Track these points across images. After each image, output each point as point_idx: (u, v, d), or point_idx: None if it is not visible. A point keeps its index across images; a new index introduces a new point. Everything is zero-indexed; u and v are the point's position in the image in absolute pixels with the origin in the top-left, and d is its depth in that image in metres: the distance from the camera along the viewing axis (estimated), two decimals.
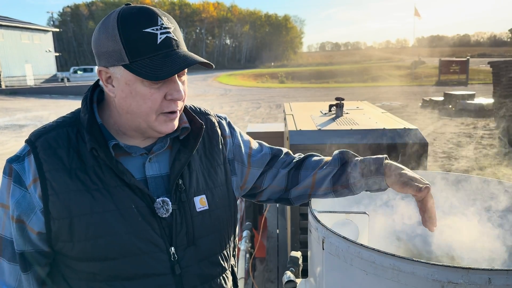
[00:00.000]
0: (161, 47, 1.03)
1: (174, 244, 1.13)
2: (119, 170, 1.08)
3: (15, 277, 1.11)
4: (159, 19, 1.04)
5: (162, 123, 1.10)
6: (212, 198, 1.21)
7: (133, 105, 1.07)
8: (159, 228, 1.11)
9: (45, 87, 31.33)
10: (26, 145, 1.09)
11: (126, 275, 1.09)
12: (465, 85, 26.37)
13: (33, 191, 1.05)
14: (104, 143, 1.09)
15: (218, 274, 1.23)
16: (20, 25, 39.81)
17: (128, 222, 1.07)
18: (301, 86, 32.99)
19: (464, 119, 13.55)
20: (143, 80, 1.03)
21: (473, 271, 0.84)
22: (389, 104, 17.94)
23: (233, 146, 1.34)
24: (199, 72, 45.66)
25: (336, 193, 1.30)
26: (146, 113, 1.07)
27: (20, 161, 1.07)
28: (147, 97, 1.05)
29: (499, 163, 8.30)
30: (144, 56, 1.02)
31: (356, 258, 0.98)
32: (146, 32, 1.02)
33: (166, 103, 1.08)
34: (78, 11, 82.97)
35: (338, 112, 3.32)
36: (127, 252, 1.07)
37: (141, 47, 1.02)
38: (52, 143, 1.08)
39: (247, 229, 3.47)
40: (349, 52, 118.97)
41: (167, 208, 1.11)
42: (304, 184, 1.33)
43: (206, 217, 1.18)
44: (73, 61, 72.14)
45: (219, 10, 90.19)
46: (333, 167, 1.30)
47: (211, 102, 21.71)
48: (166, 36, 1.04)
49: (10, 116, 17.45)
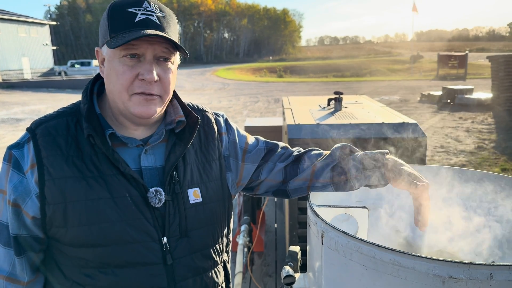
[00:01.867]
0: (137, 25, 1.05)
1: (167, 235, 1.14)
2: (115, 158, 1.10)
3: (9, 262, 1.12)
4: (145, 3, 1.08)
5: (136, 105, 1.10)
6: (206, 191, 1.23)
7: (111, 82, 1.11)
8: (152, 217, 1.13)
9: (42, 80, 31.18)
10: (27, 132, 1.12)
11: (117, 263, 1.11)
12: (464, 79, 26.36)
13: (30, 176, 1.07)
14: (101, 132, 1.12)
15: (210, 267, 1.24)
16: (17, 18, 39.56)
17: (121, 210, 1.10)
18: (299, 80, 32.95)
19: (462, 114, 13.55)
20: (120, 57, 1.07)
21: (475, 266, 0.83)
22: (387, 99, 17.94)
23: (229, 142, 1.35)
24: (197, 66, 45.53)
25: (335, 186, 1.29)
26: (119, 91, 1.09)
27: (20, 147, 1.10)
28: (120, 74, 1.08)
29: (497, 157, 8.31)
30: (120, 32, 1.06)
31: (355, 253, 0.97)
32: (128, 11, 1.07)
33: (138, 83, 1.09)
34: (76, 5, 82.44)
35: (337, 106, 3.31)
36: (119, 240, 1.09)
37: (121, 24, 1.06)
38: (52, 131, 1.11)
39: (245, 223, 3.47)
40: (348, 46, 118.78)
41: (160, 197, 1.13)
42: (303, 176, 1.32)
43: (199, 210, 1.20)
44: (71, 55, 71.90)
45: (217, 4, 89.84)
46: (333, 159, 1.29)
47: (209, 96, 21.67)
48: (146, 17, 1.07)
49: (7, 110, 17.38)
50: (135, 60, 1.08)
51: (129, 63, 1.08)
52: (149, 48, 1.08)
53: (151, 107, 1.12)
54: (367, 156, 1.23)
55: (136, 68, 1.08)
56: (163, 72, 1.11)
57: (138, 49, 1.07)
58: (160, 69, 1.11)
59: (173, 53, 1.13)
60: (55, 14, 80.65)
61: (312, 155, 1.36)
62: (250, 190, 1.42)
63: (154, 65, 1.09)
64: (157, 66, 1.10)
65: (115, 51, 1.08)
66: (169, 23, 1.11)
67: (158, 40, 1.08)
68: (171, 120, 1.23)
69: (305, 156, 1.36)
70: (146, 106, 1.11)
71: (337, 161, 1.28)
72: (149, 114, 1.12)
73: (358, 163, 1.24)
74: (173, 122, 1.21)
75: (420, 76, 31.65)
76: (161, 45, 1.09)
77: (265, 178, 1.36)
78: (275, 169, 1.35)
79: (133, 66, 1.08)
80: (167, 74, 1.12)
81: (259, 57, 79.01)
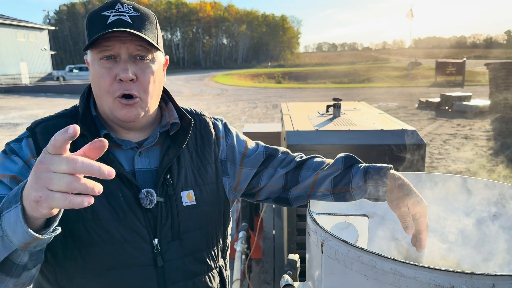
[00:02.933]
0: (110, 26, 1.06)
1: (158, 236, 1.14)
2: (109, 158, 1.11)
3: None
4: (118, 5, 1.10)
5: (119, 108, 1.11)
6: (200, 194, 1.22)
7: (95, 86, 1.13)
8: (144, 218, 1.13)
9: (40, 85, 31.18)
10: (26, 130, 1.15)
11: (108, 263, 1.10)
12: (462, 86, 26.45)
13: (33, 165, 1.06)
14: (95, 132, 1.14)
15: (203, 272, 1.23)
16: (16, 23, 39.58)
17: (114, 209, 1.10)
18: (297, 87, 33.01)
19: (460, 121, 13.58)
20: (98, 61, 1.10)
21: (477, 276, 0.82)
22: (385, 105, 17.97)
23: (227, 146, 1.35)
24: (195, 72, 45.57)
25: (335, 196, 1.28)
26: (102, 95, 1.11)
27: (18, 142, 1.12)
28: (100, 76, 1.10)
29: (495, 164, 8.32)
30: (95, 35, 1.06)
31: (356, 262, 0.95)
32: (101, 15, 1.09)
33: (117, 85, 1.10)
34: (75, 10, 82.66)
35: (335, 112, 3.30)
36: (110, 239, 1.09)
37: (95, 28, 1.08)
38: (51, 130, 1.13)
39: (243, 230, 3.45)
40: (346, 53, 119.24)
41: (151, 198, 1.13)
42: (305, 184, 1.31)
43: (192, 213, 1.20)
44: (69, 60, 71.87)
45: (216, 10, 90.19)
46: (336, 169, 1.28)
47: (208, 102, 21.67)
48: (118, 17, 1.08)
49: (4, 115, 17.34)
50: (112, 61, 1.10)
51: (107, 65, 1.09)
52: (122, 47, 1.08)
53: (132, 110, 1.12)
54: (371, 169, 1.22)
55: (113, 69, 1.09)
56: (140, 71, 1.11)
57: (112, 49, 1.08)
58: (137, 68, 1.11)
59: (150, 50, 1.13)
60: (54, 19, 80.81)
61: (315, 163, 1.35)
62: (251, 197, 1.40)
63: (130, 64, 1.10)
64: (134, 65, 1.10)
65: (93, 55, 1.11)
66: (144, 22, 1.11)
67: (130, 38, 1.08)
68: (165, 123, 1.23)
69: (307, 164, 1.35)
70: (128, 109, 1.11)
71: (340, 171, 1.27)
72: (131, 118, 1.12)
73: (361, 176, 1.23)
74: (167, 125, 1.22)
75: (418, 83, 31.74)
76: (134, 43, 1.09)
77: (265, 184, 1.35)
78: (275, 175, 1.34)
79: (111, 68, 1.09)
80: (145, 73, 1.12)
81: (258, 63, 79.27)
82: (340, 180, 1.26)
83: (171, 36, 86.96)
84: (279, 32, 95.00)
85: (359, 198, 1.25)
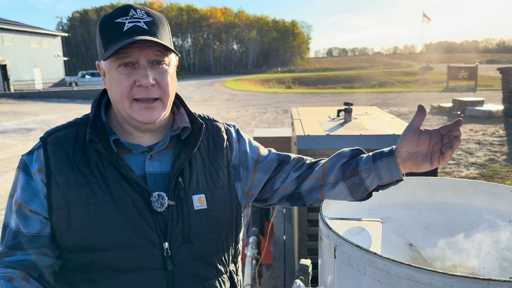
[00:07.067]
0: (126, 34, 1.08)
1: (169, 240, 1.15)
2: (119, 163, 1.12)
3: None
4: (132, 11, 1.11)
5: (137, 111, 1.13)
6: (212, 198, 1.22)
7: (112, 92, 1.14)
8: (154, 222, 1.14)
9: (53, 91, 31.57)
10: (39, 141, 1.19)
11: (117, 267, 1.11)
12: (474, 91, 26.21)
13: (37, 178, 1.12)
14: (105, 138, 1.15)
15: (213, 276, 1.23)
16: (30, 30, 40.21)
17: (122, 215, 1.11)
18: (308, 92, 32.99)
19: (473, 126, 13.43)
20: (116, 68, 1.11)
21: (494, 282, 0.80)
22: (397, 110, 17.85)
23: (239, 152, 1.35)
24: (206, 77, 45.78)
25: (346, 182, 1.26)
26: (119, 99, 1.12)
27: (31, 154, 1.17)
28: (118, 83, 1.11)
29: (509, 170, 8.20)
30: (112, 43, 1.08)
31: (369, 267, 0.94)
32: (116, 22, 1.10)
33: (136, 90, 1.12)
34: (87, 16, 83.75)
35: (346, 117, 3.28)
36: (119, 244, 1.11)
37: (111, 35, 1.10)
38: (61, 139, 1.16)
39: (254, 235, 3.43)
40: (357, 58, 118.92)
41: (162, 202, 1.13)
42: (315, 176, 1.32)
43: (204, 217, 1.20)
44: (81, 66, 72.75)
45: (226, 16, 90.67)
46: (343, 156, 1.30)
47: (218, 107, 21.75)
48: (134, 24, 1.09)
49: (18, 120, 17.59)
50: (130, 68, 1.11)
51: (125, 72, 1.11)
52: (141, 54, 1.10)
53: (153, 113, 1.14)
54: (376, 152, 1.24)
55: (132, 76, 1.11)
56: (159, 75, 1.14)
57: (130, 56, 1.10)
58: (156, 73, 1.13)
59: (166, 55, 1.15)
60: (66, 25, 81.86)
61: (323, 160, 1.36)
62: (264, 202, 1.40)
63: (149, 70, 1.12)
64: (152, 70, 1.13)
65: (110, 63, 1.12)
66: (158, 26, 1.13)
67: (148, 45, 1.10)
68: (176, 127, 1.24)
69: (317, 163, 1.36)
70: (147, 112, 1.14)
71: (348, 158, 1.28)
72: (151, 119, 1.14)
73: (368, 158, 1.24)
74: (178, 129, 1.23)
75: (429, 88, 31.51)
76: (152, 48, 1.11)
77: (278, 188, 1.35)
78: (288, 179, 1.34)
79: (129, 74, 1.11)
80: (164, 77, 1.14)
81: (268, 68, 79.38)
82: (348, 166, 1.27)
83: (182, 42, 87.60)
84: (289, 38, 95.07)
85: (372, 185, 1.23)
